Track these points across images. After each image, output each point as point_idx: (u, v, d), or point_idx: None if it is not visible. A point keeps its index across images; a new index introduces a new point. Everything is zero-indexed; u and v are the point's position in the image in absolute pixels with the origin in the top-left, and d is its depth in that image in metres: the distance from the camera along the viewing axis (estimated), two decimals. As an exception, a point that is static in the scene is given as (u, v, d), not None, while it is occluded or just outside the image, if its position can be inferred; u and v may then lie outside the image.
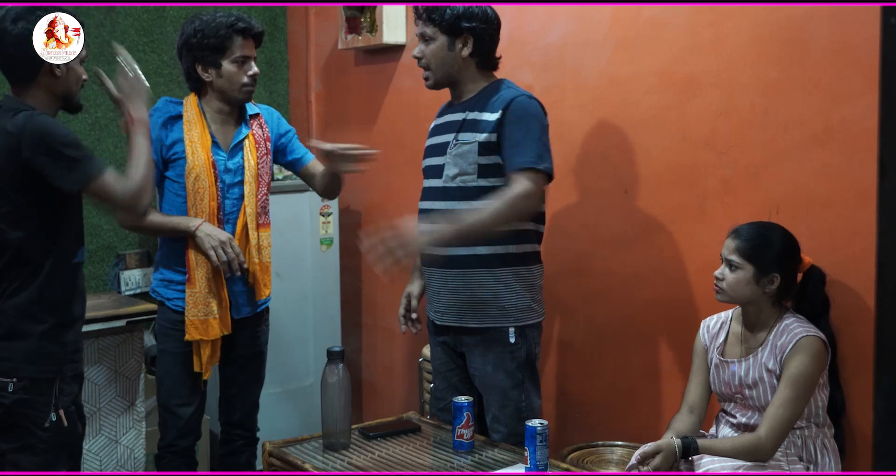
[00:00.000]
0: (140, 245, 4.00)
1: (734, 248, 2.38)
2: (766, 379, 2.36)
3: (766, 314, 2.40)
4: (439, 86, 2.76)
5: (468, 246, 2.63)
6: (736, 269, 2.37)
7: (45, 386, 2.32)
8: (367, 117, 4.05)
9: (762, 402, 2.36)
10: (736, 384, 2.42)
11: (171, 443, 2.92)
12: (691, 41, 2.78)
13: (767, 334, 2.38)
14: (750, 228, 2.40)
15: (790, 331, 2.34)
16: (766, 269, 2.35)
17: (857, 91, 2.40)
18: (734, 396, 2.44)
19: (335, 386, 2.59)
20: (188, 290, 2.83)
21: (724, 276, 2.40)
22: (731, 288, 2.39)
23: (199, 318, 2.82)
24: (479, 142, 2.62)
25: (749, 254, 2.35)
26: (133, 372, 3.34)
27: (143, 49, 3.98)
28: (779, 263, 2.36)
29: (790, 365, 2.29)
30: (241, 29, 2.80)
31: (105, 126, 3.90)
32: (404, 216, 2.69)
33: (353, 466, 2.47)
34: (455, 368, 2.82)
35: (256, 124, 2.95)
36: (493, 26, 2.70)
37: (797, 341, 2.30)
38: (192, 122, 2.85)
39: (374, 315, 4.12)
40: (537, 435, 2.32)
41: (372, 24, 3.79)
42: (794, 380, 2.28)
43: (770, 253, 2.36)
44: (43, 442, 2.32)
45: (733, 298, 2.41)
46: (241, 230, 2.87)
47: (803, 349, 2.29)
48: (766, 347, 2.37)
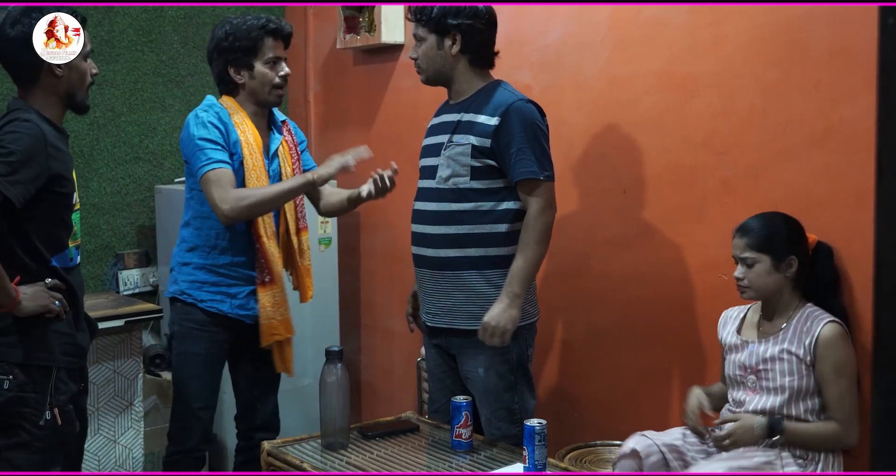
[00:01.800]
0: (139, 245, 4.00)
1: (745, 244, 2.39)
2: (785, 359, 2.36)
3: (786, 301, 2.42)
4: (432, 83, 2.77)
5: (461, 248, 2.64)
6: (754, 263, 2.38)
7: (40, 382, 2.32)
8: (365, 117, 4.05)
9: (776, 383, 2.37)
10: (752, 364, 2.42)
11: (192, 448, 2.87)
12: (690, 42, 2.78)
13: (788, 320, 2.40)
14: (753, 222, 2.42)
15: (814, 317, 2.36)
16: (781, 255, 2.37)
17: (856, 92, 2.40)
18: (747, 378, 2.44)
19: (334, 386, 2.59)
20: (269, 291, 2.81)
21: (743, 275, 2.41)
22: (755, 283, 2.40)
23: (283, 317, 2.85)
24: (473, 144, 2.62)
25: (761, 245, 2.37)
26: (131, 372, 3.34)
27: (142, 49, 3.98)
28: (792, 246, 2.39)
29: (828, 356, 2.32)
30: (272, 30, 2.82)
31: (104, 126, 3.90)
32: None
33: (352, 466, 2.47)
34: (449, 370, 2.82)
35: (286, 130, 2.96)
36: (482, 21, 2.68)
37: (824, 328, 2.32)
38: (243, 123, 2.82)
39: (372, 315, 4.12)
40: (536, 434, 2.32)
41: (370, 24, 3.79)
42: (840, 369, 2.31)
43: (780, 238, 2.38)
44: (38, 440, 2.32)
45: (760, 293, 2.42)
46: (284, 234, 2.88)
47: (834, 338, 2.32)
48: (787, 331, 2.38)
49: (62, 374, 2.38)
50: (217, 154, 2.73)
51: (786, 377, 2.36)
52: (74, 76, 2.38)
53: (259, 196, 2.70)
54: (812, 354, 2.33)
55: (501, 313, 2.57)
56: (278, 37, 2.84)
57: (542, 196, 2.60)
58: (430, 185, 2.73)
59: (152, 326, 3.83)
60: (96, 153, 3.89)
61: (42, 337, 2.33)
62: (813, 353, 2.33)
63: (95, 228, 3.88)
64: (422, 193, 2.78)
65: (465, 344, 2.70)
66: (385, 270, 4.01)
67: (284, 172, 2.88)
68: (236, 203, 2.67)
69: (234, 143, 2.78)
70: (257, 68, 2.82)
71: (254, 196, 2.70)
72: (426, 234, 2.72)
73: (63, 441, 2.41)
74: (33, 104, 2.35)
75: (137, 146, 4.01)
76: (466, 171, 2.64)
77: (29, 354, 2.31)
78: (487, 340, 2.58)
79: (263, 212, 2.76)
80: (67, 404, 2.41)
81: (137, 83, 3.99)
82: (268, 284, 2.82)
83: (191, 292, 2.86)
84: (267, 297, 2.82)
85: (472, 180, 2.63)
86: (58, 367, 2.36)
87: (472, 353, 2.69)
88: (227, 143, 2.77)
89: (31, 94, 2.37)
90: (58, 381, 2.36)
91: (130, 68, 3.95)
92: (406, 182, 2.93)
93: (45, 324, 2.34)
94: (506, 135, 2.58)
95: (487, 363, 2.67)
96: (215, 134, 2.75)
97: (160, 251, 3.93)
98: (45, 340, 2.34)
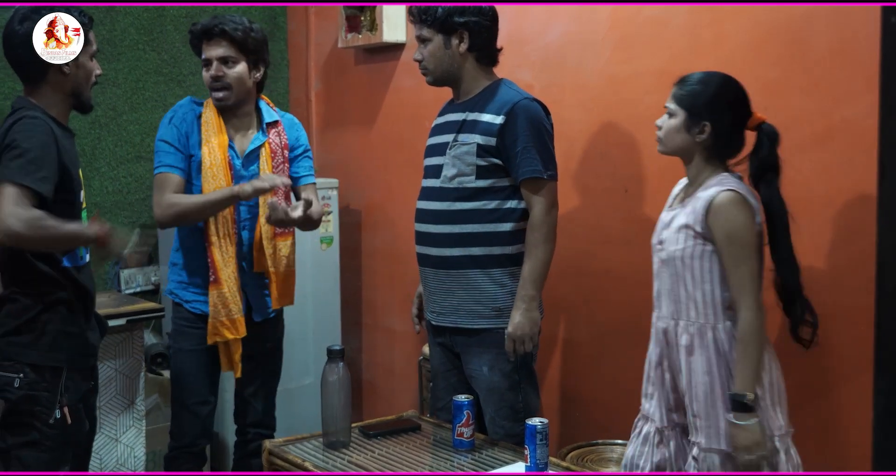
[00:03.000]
0: (140, 244, 4.00)
1: (672, 94, 2.30)
2: (677, 227, 2.28)
3: (697, 168, 2.30)
4: (439, 83, 2.76)
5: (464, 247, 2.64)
6: (672, 116, 2.30)
7: (50, 380, 2.33)
8: (366, 116, 4.05)
9: (668, 253, 2.30)
10: (660, 231, 2.37)
11: (190, 443, 2.90)
12: (691, 41, 2.78)
13: (695, 190, 2.29)
14: (694, 75, 2.30)
15: (707, 191, 2.23)
16: (696, 116, 2.25)
17: (858, 91, 2.40)
18: (655, 248, 2.39)
19: (335, 385, 2.59)
20: (215, 290, 2.81)
21: (662, 123, 2.32)
22: (666, 136, 2.31)
23: (229, 318, 2.82)
24: (478, 144, 2.62)
25: (681, 99, 2.27)
26: (133, 370, 3.34)
27: (143, 48, 3.98)
28: (710, 111, 2.24)
29: (719, 223, 2.19)
30: (196, 32, 2.85)
31: (105, 125, 3.90)
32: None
33: (354, 465, 2.47)
34: (453, 369, 2.82)
35: (274, 132, 2.93)
36: (487, 18, 2.68)
37: (712, 201, 2.20)
38: (209, 122, 2.84)
39: (374, 314, 4.12)
40: (537, 433, 2.32)
41: (372, 23, 3.79)
42: (732, 236, 2.19)
43: (702, 99, 2.25)
44: (48, 438, 2.33)
45: (667, 148, 2.32)
46: (258, 239, 2.86)
47: (727, 204, 2.18)
48: (689, 202, 2.28)
49: (73, 374, 2.39)
50: (168, 158, 2.80)
51: (674, 245, 2.28)
52: (81, 75, 2.40)
53: (186, 204, 2.76)
54: (703, 223, 2.22)
55: (523, 319, 2.59)
56: (210, 37, 2.82)
57: (546, 195, 2.61)
58: (434, 184, 2.73)
59: (154, 325, 3.83)
60: (98, 152, 3.90)
61: (54, 337, 2.34)
62: (704, 221, 2.21)
63: (97, 227, 3.88)
64: (426, 192, 2.78)
65: (469, 343, 2.71)
66: (386, 269, 4.01)
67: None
68: (167, 209, 2.76)
69: (193, 144, 2.82)
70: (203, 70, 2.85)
71: (181, 204, 2.76)
72: (430, 233, 2.72)
73: (72, 440, 2.41)
74: (39, 102, 2.36)
75: (139, 145, 4.01)
76: (472, 171, 2.64)
77: (41, 355, 2.32)
78: (519, 349, 2.61)
79: (193, 220, 2.80)
80: (78, 403, 2.42)
81: (139, 82, 3.99)
82: (212, 284, 2.82)
83: (177, 292, 2.93)
84: (213, 295, 2.82)
85: (477, 179, 2.64)
86: (69, 367, 2.37)
87: (477, 352, 2.70)
88: (186, 144, 2.81)
89: (37, 92, 2.37)
90: (68, 381, 2.37)
91: (132, 67, 3.95)
92: (407, 181, 2.94)
93: (57, 323, 2.35)
94: (511, 133, 2.59)
95: (492, 362, 2.67)
96: (172, 135, 2.81)
97: (161, 250, 3.93)
98: (56, 340, 2.35)
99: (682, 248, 2.27)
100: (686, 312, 2.29)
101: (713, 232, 2.21)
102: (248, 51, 2.82)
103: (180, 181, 2.79)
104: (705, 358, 2.25)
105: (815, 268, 2.52)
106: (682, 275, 2.29)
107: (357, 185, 4.09)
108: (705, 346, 2.25)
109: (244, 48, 2.81)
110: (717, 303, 2.25)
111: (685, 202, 2.31)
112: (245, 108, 2.89)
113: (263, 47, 2.87)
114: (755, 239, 2.22)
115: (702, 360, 2.26)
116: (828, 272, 2.47)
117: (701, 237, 2.24)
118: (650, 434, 2.42)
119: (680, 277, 2.29)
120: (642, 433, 2.45)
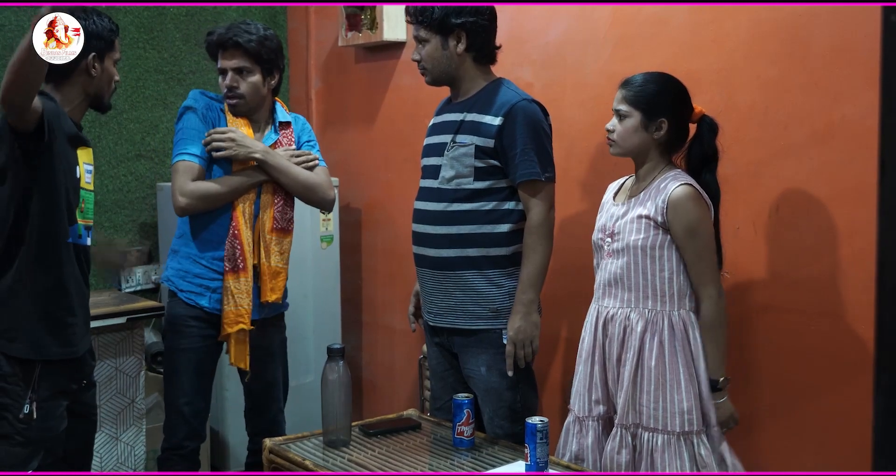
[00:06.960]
0: (141, 242, 4.00)
1: (622, 96, 2.38)
2: (636, 218, 2.36)
3: (653, 165, 2.41)
4: (437, 83, 2.76)
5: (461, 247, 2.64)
6: (624, 118, 2.38)
7: (22, 374, 2.31)
8: (367, 115, 4.05)
9: (624, 243, 2.37)
10: (610, 224, 2.44)
11: (178, 444, 2.85)
12: (691, 39, 2.78)
13: (650, 184, 2.39)
14: (638, 77, 2.40)
15: (670, 178, 2.35)
16: (653, 115, 2.35)
17: (858, 89, 2.40)
18: (605, 241, 2.45)
19: (335, 383, 2.59)
20: (242, 277, 2.77)
21: (614, 127, 2.40)
22: (622, 138, 2.39)
23: (244, 309, 2.78)
24: (477, 145, 2.62)
25: (635, 100, 2.36)
26: (133, 369, 3.34)
27: (144, 46, 3.98)
28: (665, 108, 2.36)
29: (679, 217, 2.31)
30: (212, 42, 2.85)
31: (106, 123, 3.90)
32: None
33: (354, 463, 2.47)
34: (451, 369, 2.82)
35: (285, 132, 2.94)
36: (485, 17, 2.68)
37: (676, 189, 2.31)
38: (238, 121, 2.86)
39: (374, 313, 4.12)
40: (537, 432, 2.32)
41: (372, 22, 3.79)
42: (692, 230, 2.31)
43: (656, 98, 2.36)
44: (19, 433, 2.31)
45: (625, 149, 2.41)
46: (258, 233, 2.85)
47: (685, 198, 2.31)
48: (645, 195, 2.37)
49: (53, 369, 2.37)
50: (191, 146, 2.78)
51: (633, 235, 2.36)
52: (105, 78, 2.48)
53: (210, 185, 2.76)
54: (664, 215, 2.32)
55: (524, 323, 2.59)
56: (227, 48, 2.83)
57: (544, 197, 2.60)
58: (432, 184, 2.73)
59: (154, 324, 3.83)
60: (98, 151, 3.89)
61: (32, 329, 2.33)
62: (665, 214, 2.32)
63: (97, 226, 3.88)
64: (423, 193, 2.77)
65: (466, 343, 2.71)
66: (386, 268, 4.01)
67: None
68: (191, 194, 2.74)
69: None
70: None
71: (206, 185, 2.75)
72: (428, 233, 2.72)
73: (44, 437, 2.37)
74: (58, 98, 2.41)
75: (139, 144, 4.01)
76: (470, 172, 2.64)
77: (16, 347, 2.31)
78: (520, 353, 2.61)
79: (220, 200, 2.78)
80: (56, 400, 2.39)
81: (139, 81, 3.99)
82: (241, 271, 2.78)
83: (175, 280, 2.86)
84: (239, 282, 2.77)
85: (475, 181, 2.63)
86: (44, 361, 2.35)
87: (475, 352, 2.70)
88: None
89: (59, 88, 2.43)
90: (45, 375, 2.35)
91: (132, 66, 3.95)
92: (407, 180, 2.93)
93: (39, 314, 2.34)
94: (509, 135, 2.58)
95: (490, 362, 2.67)
96: (199, 124, 2.79)
97: (162, 248, 3.93)
98: (35, 332, 2.33)
99: (643, 238, 2.36)
100: (643, 300, 2.37)
101: (672, 225, 2.32)
102: (262, 60, 2.82)
103: (201, 171, 2.77)
104: (657, 343, 2.34)
105: (815, 266, 2.52)
106: (641, 263, 2.37)
107: (357, 184, 4.09)
108: (658, 332, 2.34)
109: (259, 59, 2.81)
110: (674, 290, 2.35)
111: (641, 196, 2.39)
112: (260, 112, 2.91)
113: (278, 54, 2.88)
114: (712, 229, 2.36)
115: (655, 345, 2.34)
116: (828, 270, 2.47)
117: (661, 228, 2.34)
118: (569, 424, 2.53)
119: (639, 266, 2.37)
120: (565, 425, 2.56)
